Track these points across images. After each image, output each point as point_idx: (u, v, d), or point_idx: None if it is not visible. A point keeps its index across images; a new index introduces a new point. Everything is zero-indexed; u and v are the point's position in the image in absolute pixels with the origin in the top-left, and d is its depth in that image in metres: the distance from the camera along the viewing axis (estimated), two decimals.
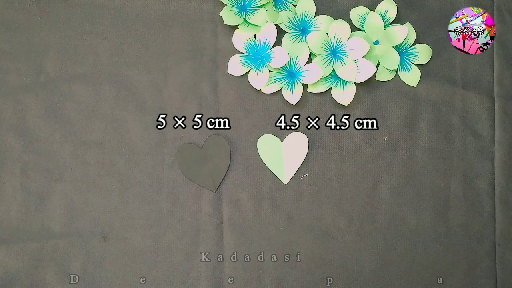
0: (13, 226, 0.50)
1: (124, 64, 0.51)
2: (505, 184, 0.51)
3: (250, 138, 0.51)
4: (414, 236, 0.51)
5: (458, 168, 0.51)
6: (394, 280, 0.50)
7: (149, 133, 0.51)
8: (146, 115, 0.51)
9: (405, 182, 0.51)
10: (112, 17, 0.52)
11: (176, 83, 0.51)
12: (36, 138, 0.51)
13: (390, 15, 0.51)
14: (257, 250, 0.50)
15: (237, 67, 0.51)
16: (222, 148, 0.51)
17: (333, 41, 0.50)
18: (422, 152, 0.51)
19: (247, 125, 0.51)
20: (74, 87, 0.51)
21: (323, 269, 0.50)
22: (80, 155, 0.51)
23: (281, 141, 0.51)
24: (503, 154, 0.51)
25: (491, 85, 0.52)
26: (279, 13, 0.51)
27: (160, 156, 0.51)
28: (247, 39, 0.51)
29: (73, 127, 0.51)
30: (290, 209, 0.51)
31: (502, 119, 0.52)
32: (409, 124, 0.52)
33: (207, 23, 0.52)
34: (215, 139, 0.51)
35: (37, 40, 0.51)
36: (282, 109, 0.51)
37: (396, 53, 0.51)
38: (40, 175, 0.50)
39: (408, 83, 0.51)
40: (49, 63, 0.51)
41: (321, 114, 0.51)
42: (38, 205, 0.50)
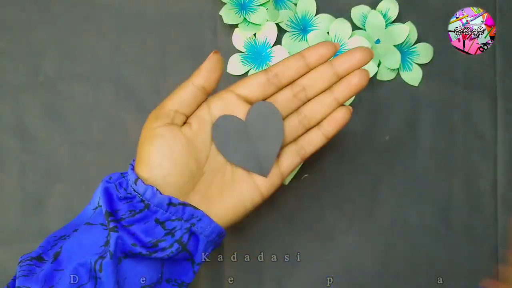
0: (12, 227, 0.50)
1: (123, 63, 0.51)
2: (507, 184, 0.51)
3: None
4: (415, 236, 0.51)
5: (459, 168, 0.51)
6: (394, 280, 0.50)
7: None
8: (146, 115, 0.51)
9: (407, 182, 0.51)
10: (111, 16, 0.51)
11: (175, 82, 0.51)
12: (34, 138, 0.50)
13: (391, 14, 0.51)
14: (257, 250, 0.50)
15: (237, 66, 0.51)
16: (272, 119, 0.39)
17: (333, 40, 0.50)
18: (423, 152, 0.51)
19: None
20: (73, 86, 0.51)
21: (323, 269, 0.50)
22: (79, 155, 0.50)
23: None
24: (505, 154, 0.51)
25: (493, 85, 0.52)
26: (279, 12, 0.51)
27: None
28: (247, 38, 0.50)
29: (72, 127, 0.51)
30: (291, 209, 0.51)
31: (504, 119, 0.52)
32: (410, 124, 0.51)
33: (206, 22, 0.51)
34: (262, 107, 0.39)
35: (35, 39, 0.51)
36: None
37: (398, 52, 0.50)
38: (39, 176, 0.50)
39: (410, 82, 0.51)
40: (48, 62, 0.51)
41: None
42: (37, 206, 0.50)
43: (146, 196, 0.37)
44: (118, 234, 0.35)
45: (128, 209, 0.37)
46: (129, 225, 0.36)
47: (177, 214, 0.37)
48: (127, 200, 0.37)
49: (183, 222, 0.38)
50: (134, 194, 0.37)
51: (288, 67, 0.39)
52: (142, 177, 0.37)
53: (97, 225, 0.37)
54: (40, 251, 0.38)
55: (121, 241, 0.35)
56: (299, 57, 0.39)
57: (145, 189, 0.36)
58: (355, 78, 0.39)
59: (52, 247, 0.38)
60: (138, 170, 0.38)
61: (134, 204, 0.37)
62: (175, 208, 0.37)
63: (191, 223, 0.38)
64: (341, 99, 0.40)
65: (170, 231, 0.37)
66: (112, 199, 0.38)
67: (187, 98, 0.39)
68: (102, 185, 0.38)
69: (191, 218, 0.38)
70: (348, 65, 0.39)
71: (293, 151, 0.40)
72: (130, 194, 0.38)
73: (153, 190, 0.36)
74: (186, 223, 0.38)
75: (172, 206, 0.37)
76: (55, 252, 0.37)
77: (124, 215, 0.37)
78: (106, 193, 0.38)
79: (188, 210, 0.37)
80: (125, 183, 0.39)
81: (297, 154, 0.40)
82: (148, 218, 0.37)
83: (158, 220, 0.37)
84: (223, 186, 0.39)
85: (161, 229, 0.37)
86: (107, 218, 0.36)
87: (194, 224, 0.38)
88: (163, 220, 0.37)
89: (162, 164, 0.37)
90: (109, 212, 0.36)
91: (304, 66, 0.39)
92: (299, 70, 0.39)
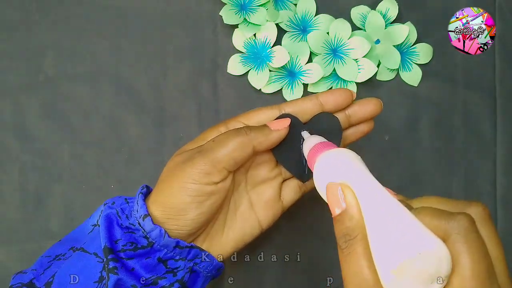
0: (12, 227, 0.50)
1: (123, 63, 0.51)
2: (506, 184, 0.51)
3: None
4: None
5: (459, 168, 0.51)
6: None
7: (148, 133, 0.51)
8: (146, 115, 0.51)
9: (406, 182, 0.51)
10: (111, 16, 0.51)
11: (175, 82, 0.51)
12: (34, 138, 0.50)
13: (391, 14, 0.51)
14: (257, 250, 0.50)
15: (237, 67, 0.51)
16: (331, 131, 0.39)
17: (333, 41, 0.50)
18: (423, 152, 0.51)
19: None
20: (73, 86, 0.51)
21: (323, 269, 0.50)
22: (79, 155, 0.50)
23: None
24: (505, 154, 0.51)
25: (493, 84, 0.52)
26: (279, 12, 0.51)
27: (159, 156, 0.50)
28: (247, 38, 0.50)
29: (72, 127, 0.50)
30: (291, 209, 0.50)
31: (504, 119, 0.52)
32: (410, 124, 0.51)
33: (206, 22, 0.51)
34: (325, 118, 0.39)
35: (35, 39, 0.51)
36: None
37: (397, 53, 0.50)
38: (39, 175, 0.50)
39: (409, 82, 0.51)
40: (48, 62, 0.51)
41: None
42: (37, 206, 0.50)
43: (151, 234, 0.35)
44: (118, 277, 0.33)
45: (129, 241, 0.35)
46: (128, 258, 0.35)
47: (181, 254, 0.36)
48: (129, 230, 0.35)
49: (187, 261, 0.36)
50: (138, 228, 0.35)
51: (305, 109, 0.39)
52: (153, 215, 0.35)
53: (92, 255, 0.35)
54: (32, 275, 0.36)
55: (121, 282, 0.34)
56: (316, 102, 0.39)
57: (153, 228, 0.35)
58: (365, 127, 0.41)
59: (45, 270, 0.36)
60: (153, 207, 0.36)
61: (136, 238, 0.35)
62: (181, 250, 0.36)
63: (194, 262, 0.37)
64: (346, 142, 0.41)
65: (172, 270, 0.36)
66: (112, 227, 0.35)
67: (242, 159, 0.36)
68: (104, 210, 0.36)
69: (194, 258, 0.37)
70: (362, 115, 0.39)
71: (296, 185, 0.41)
72: (133, 225, 0.36)
73: (161, 232, 0.35)
74: (190, 263, 0.36)
75: (178, 248, 0.35)
76: (46, 282, 0.35)
77: (125, 246, 0.35)
78: (107, 220, 0.36)
79: (194, 251, 0.36)
80: (128, 209, 0.37)
81: (299, 189, 0.41)
82: (151, 254, 0.35)
83: (160, 259, 0.36)
84: (226, 223, 0.39)
85: (163, 267, 0.36)
86: (106, 255, 0.34)
87: (197, 264, 0.37)
88: (166, 259, 0.36)
89: (188, 216, 0.35)
90: (108, 248, 0.34)
91: (319, 111, 0.39)
92: (314, 114, 0.39)
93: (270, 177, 0.40)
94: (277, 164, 0.40)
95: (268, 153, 0.39)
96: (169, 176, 0.36)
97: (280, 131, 0.37)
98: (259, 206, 0.39)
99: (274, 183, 0.40)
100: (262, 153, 0.39)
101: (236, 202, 0.39)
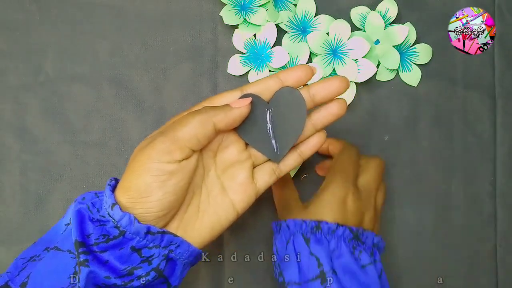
0: (13, 226, 0.50)
1: (123, 63, 0.51)
2: (506, 184, 0.51)
3: None
4: (414, 236, 0.51)
5: (459, 168, 0.51)
6: (394, 280, 0.50)
7: (148, 133, 0.50)
8: (146, 115, 0.51)
9: (406, 182, 0.51)
10: (111, 17, 0.51)
11: (175, 83, 0.51)
12: (35, 138, 0.50)
13: (390, 15, 0.51)
14: (257, 250, 0.50)
15: (237, 67, 0.51)
16: (296, 107, 0.39)
17: (333, 41, 0.50)
18: (422, 152, 0.51)
19: None
20: (74, 87, 0.51)
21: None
22: (80, 155, 0.50)
23: None
24: (504, 154, 0.51)
25: (492, 85, 0.52)
26: (279, 12, 0.51)
27: None
28: (247, 38, 0.50)
29: (72, 127, 0.51)
30: None
31: (503, 119, 0.52)
32: (409, 124, 0.51)
33: (206, 22, 0.51)
34: (288, 93, 0.39)
35: (36, 39, 0.51)
36: None
37: (397, 53, 0.50)
38: (40, 175, 0.50)
39: (409, 83, 0.51)
40: (48, 62, 0.51)
41: None
42: (38, 206, 0.50)
43: (121, 223, 0.35)
44: (89, 269, 0.33)
45: (102, 233, 0.35)
46: (102, 251, 0.35)
47: (155, 241, 0.36)
48: (100, 223, 0.36)
49: (161, 249, 0.36)
50: (108, 219, 0.35)
51: (267, 88, 0.39)
52: (120, 202, 0.35)
53: (65, 252, 0.35)
54: (6, 278, 0.36)
55: (92, 275, 0.33)
56: (277, 80, 0.39)
57: (121, 216, 0.35)
58: (335, 108, 0.39)
59: (20, 272, 0.36)
60: (119, 194, 0.36)
61: (108, 229, 0.35)
62: (153, 236, 0.35)
63: (169, 249, 0.36)
64: (319, 126, 0.40)
65: (147, 258, 0.36)
66: (83, 222, 0.35)
67: (203, 137, 0.36)
68: (75, 206, 0.36)
69: (169, 245, 0.36)
70: (325, 93, 0.38)
71: (269, 169, 0.40)
72: (103, 217, 0.36)
73: (131, 218, 0.35)
74: (164, 250, 0.36)
75: (150, 235, 0.35)
76: (22, 282, 0.35)
77: (98, 240, 0.35)
78: (78, 216, 0.35)
79: (167, 237, 0.36)
80: (98, 203, 0.37)
81: (273, 172, 0.40)
82: (123, 244, 0.35)
83: (134, 247, 0.35)
84: (199, 208, 0.38)
85: (137, 256, 0.35)
86: (77, 248, 0.34)
87: (172, 251, 0.37)
88: (139, 247, 0.35)
89: (152, 197, 0.35)
90: (79, 242, 0.34)
91: (280, 88, 0.39)
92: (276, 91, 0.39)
93: (240, 160, 0.39)
94: (247, 146, 0.40)
95: (234, 134, 0.39)
96: (132, 162, 0.36)
97: (241, 108, 0.37)
98: (232, 189, 0.39)
99: (245, 165, 0.39)
100: (228, 135, 0.39)
101: (208, 187, 0.39)
